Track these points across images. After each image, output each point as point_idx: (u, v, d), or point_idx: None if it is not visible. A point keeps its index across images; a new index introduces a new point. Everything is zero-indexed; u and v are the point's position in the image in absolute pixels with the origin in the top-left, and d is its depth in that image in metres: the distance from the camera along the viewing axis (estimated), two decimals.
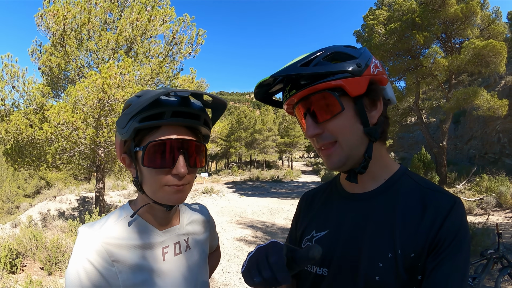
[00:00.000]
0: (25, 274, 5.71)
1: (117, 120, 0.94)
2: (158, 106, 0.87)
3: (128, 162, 0.96)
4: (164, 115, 0.87)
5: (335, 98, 0.83)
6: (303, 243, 1.03)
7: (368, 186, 0.93)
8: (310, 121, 0.87)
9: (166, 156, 0.88)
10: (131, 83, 7.52)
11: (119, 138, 0.95)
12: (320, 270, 0.93)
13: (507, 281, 4.72)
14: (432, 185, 0.88)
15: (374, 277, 0.81)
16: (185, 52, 10.38)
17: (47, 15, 8.35)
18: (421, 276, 0.78)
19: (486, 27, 15.58)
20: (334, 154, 0.87)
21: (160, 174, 0.89)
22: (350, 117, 0.85)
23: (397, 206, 0.85)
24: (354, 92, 0.83)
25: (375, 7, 18.87)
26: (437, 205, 0.81)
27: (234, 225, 10.35)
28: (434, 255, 0.77)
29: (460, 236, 0.77)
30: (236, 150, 38.23)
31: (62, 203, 16.10)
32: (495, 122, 18.81)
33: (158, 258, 0.97)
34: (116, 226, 0.93)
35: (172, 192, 0.90)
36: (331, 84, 0.82)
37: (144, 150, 0.87)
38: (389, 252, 0.80)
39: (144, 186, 0.93)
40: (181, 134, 0.91)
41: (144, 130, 0.89)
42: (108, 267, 0.86)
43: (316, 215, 1.05)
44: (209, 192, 18.28)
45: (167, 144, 0.88)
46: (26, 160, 8.93)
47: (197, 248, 1.11)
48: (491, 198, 11.16)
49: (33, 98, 8.49)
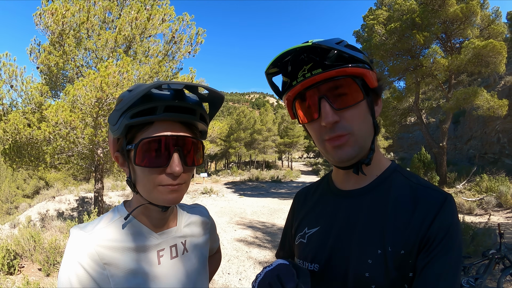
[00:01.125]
0: (23, 275, 5.66)
1: (108, 116, 0.89)
2: (150, 101, 0.81)
3: (121, 161, 0.91)
4: (156, 110, 0.81)
5: (358, 86, 0.82)
6: (297, 239, 1.04)
7: (359, 183, 0.93)
8: (328, 107, 0.81)
9: (160, 154, 0.83)
10: (130, 82, 7.47)
11: (112, 135, 0.90)
12: (311, 266, 0.93)
13: (509, 281, 4.69)
14: (423, 182, 0.87)
15: (363, 273, 0.80)
16: (185, 51, 10.34)
17: (45, 13, 8.31)
18: (412, 274, 0.77)
19: (486, 27, 15.60)
20: (347, 145, 0.83)
21: (154, 173, 0.83)
22: (365, 108, 0.85)
23: (387, 203, 0.85)
24: (372, 84, 0.83)
25: (374, 7, 18.85)
26: (428, 202, 0.80)
27: (233, 226, 10.31)
28: (425, 252, 0.76)
29: (452, 232, 0.76)
30: (235, 151, 38.22)
31: (61, 203, 16.08)
32: (495, 122, 18.82)
33: (153, 261, 0.92)
34: (109, 228, 0.89)
35: (167, 192, 0.85)
36: (358, 71, 0.81)
37: (136, 148, 0.82)
38: (378, 248, 0.80)
39: (138, 186, 0.88)
40: (175, 130, 0.85)
41: (136, 126, 0.84)
42: (100, 271, 0.82)
43: (309, 212, 1.06)
44: (208, 193, 18.25)
45: (161, 141, 0.83)
46: (25, 160, 8.89)
47: (195, 251, 1.06)
48: (491, 198, 11.15)
49: (31, 98, 8.47)
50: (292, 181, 28.23)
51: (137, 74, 8.67)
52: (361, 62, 0.82)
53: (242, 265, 6.49)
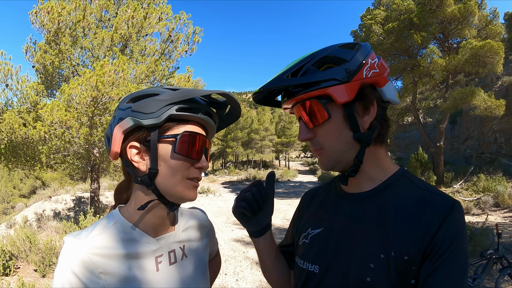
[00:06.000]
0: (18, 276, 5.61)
1: (137, 104, 0.88)
2: (195, 102, 0.92)
3: (141, 152, 0.88)
4: (199, 111, 0.91)
5: (321, 106, 0.84)
6: (300, 239, 1.05)
7: (364, 187, 0.93)
8: (302, 125, 0.91)
9: (196, 149, 0.89)
10: (126, 81, 7.42)
11: (124, 128, 0.86)
12: (312, 267, 0.94)
13: (507, 282, 4.69)
14: (431, 188, 0.86)
15: (365, 277, 0.80)
16: (182, 50, 10.29)
17: (41, 12, 8.24)
18: (414, 281, 0.77)
19: (483, 28, 15.67)
20: (323, 158, 0.91)
21: (187, 164, 0.89)
22: (338, 124, 0.86)
23: (392, 207, 0.84)
24: (341, 100, 0.82)
25: (372, 6, 18.87)
26: (435, 208, 0.79)
27: (231, 226, 10.28)
28: (430, 261, 0.75)
29: (458, 241, 0.75)
30: (232, 150, 38.13)
31: (57, 203, 15.96)
32: (492, 122, 18.86)
33: (151, 268, 0.89)
34: (103, 235, 0.86)
35: (192, 187, 0.91)
36: (317, 93, 0.83)
37: (178, 138, 0.86)
38: (381, 253, 0.80)
39: (159, 179, 0.87)
40: (203, 132, 0.95)
41: (172, 120, 0.88)
42: (95, 280, 0.80)
43: (314, 213, 1.07)
44: (205, 192, 18.21)
45: (198, 137, 0.90)
46: (20, 160, 8.80)
47: (195, 257, 1.03)
48: (488, 198, 11.17)
49: (27, 97, 8.40)
50: (289, 181, 28.27)
51: (133, 73, 8.63)
52: (327, 81, 0.82)
53: (239, 266, 6.46)
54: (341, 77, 0.82)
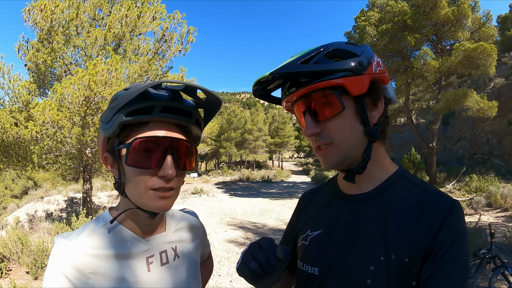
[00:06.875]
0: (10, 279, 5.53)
1: (101, 114, 0.83)
2: (148, 100, 0.79)
3: (111, 162, 0.86)
4: (153, 110, 0.79)
5: (336, 97, 0.81)
6: (299, 241, 1.03)
7: (364, 187, 0.91)
8: (309, 119, 0.85)
9: (154, 155, 0.79)
10: (119, 81, 7.36)
11: (103, 135, 0.85)
12: (311, 269, 0.92)
13: (501, 281, 4.71)
14: (430, 188, 0.85)
15: (365, 280, 0.79)
16: (175, 50, 10.25)
17: (34, 9, 8.16)
18: (415, 283, 0.76)
19: (476, 30, 15.85)
20: (330, 154, 0.86)
21: (145, 175, 0.80)
22: (350, 117, 0.83)
23: (392, 209, 0.83)
24: (355, 91, 0.81)
25: (366, 8, 18.97)
26: (435, 208, 0.78)
27: (224, 226, 10.24)
28: (431, 262, 0.74)
29: (458, 242, 0.74)
30: (226, 150, 38.09)
31: (49, 204, 15.84)
32: (484, 123, 19.06)
33: (142, 268, 0.87)
34: (93, 236, 0.84)
35: (157, 198, 0.81)
36: (333, 83, 0.80)
37: (128, 148, 0.78)
38: (381, 255, 0.79)
39: (127, 189, 0.83)
40: (171, 132, 0.82)
41: (130, 125, 0.80)
42: (85, 280, 0.78)
43: (313, 214, 1.04)
44: (198, 193, 18.13)
45: (155, 141, 0.80)
46: (12, 160, 8.69)
47: (187, 257, 1.01)
48: (481, 198, 11.27)
49: (19, 96, 8.30)
50: (282, 181, 28.26)
51: (126, 72, 8.56)
52: (340, 71, 0.80)
53: (233, 267, 6.43)
54: (355, 69, 0.80)
